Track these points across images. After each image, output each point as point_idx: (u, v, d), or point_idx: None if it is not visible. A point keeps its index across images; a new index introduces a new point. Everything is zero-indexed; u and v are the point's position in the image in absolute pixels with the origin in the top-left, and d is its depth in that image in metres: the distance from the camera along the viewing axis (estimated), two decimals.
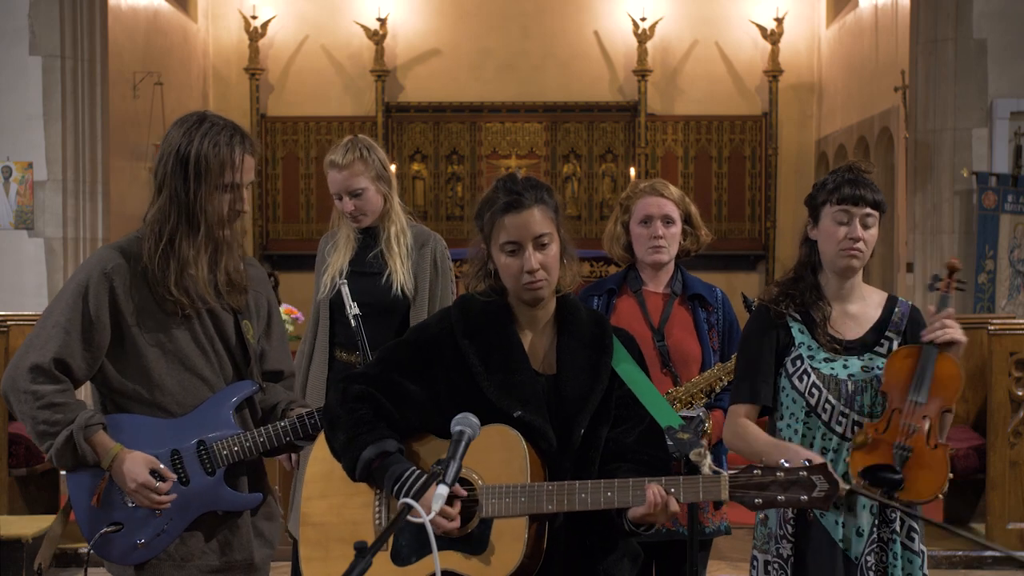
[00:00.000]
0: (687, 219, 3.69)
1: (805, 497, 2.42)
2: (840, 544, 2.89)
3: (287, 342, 3.19)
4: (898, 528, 2.90)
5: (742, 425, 2.97)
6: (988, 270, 7.83)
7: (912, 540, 2.92)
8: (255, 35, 12.29)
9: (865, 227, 2.92)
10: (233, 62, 12.50)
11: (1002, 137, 7.94)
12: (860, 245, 2.91)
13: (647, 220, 3.63)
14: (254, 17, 12.26)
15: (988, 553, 5.94)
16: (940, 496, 2.93)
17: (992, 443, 5.93)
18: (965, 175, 7.86)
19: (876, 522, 2.90)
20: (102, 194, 8.13)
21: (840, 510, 2.90)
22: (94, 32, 8.05)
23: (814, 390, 2.92)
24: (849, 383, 2.91)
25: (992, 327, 5.98)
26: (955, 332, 2.90)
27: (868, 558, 2.89)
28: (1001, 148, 7.93)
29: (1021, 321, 6.54)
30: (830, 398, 2.91)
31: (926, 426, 2.88)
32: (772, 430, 3.03)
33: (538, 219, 2.57)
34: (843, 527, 2.90)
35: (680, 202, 3.67)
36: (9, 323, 6.07)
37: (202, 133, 2.82)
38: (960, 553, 5.93)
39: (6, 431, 5.87)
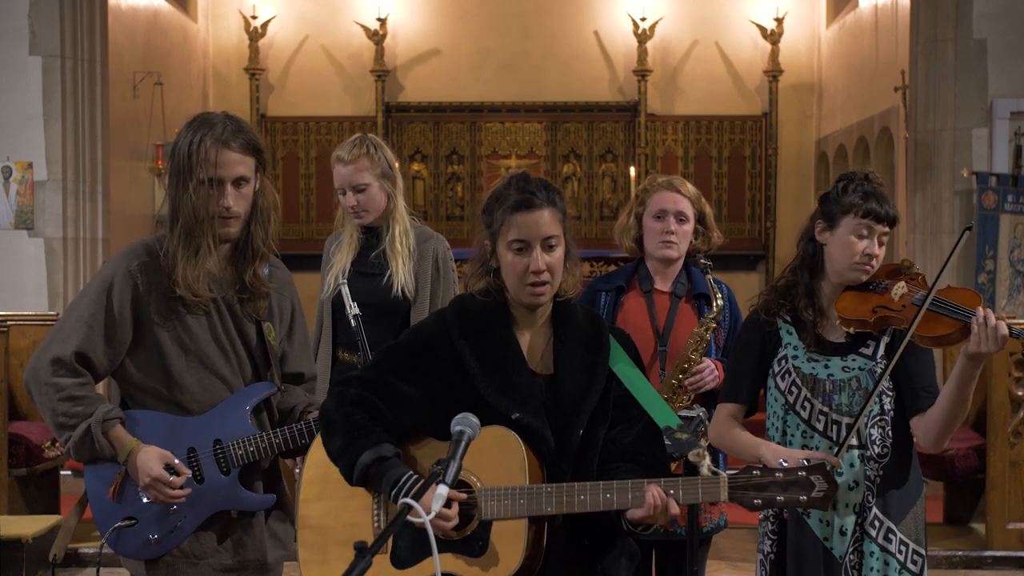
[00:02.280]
0: (700, 219, 3.71)
1: (804, 497, 2.42)
2: (825, 543, 2.91)
3: (309, 345, 3.21)
4: (872, 531, 2.90)
5: (725, 423, 3.05)
6: (988, 270, 7.83)
7: (889, 541, 2.91)
8: (255, 35, 12.28)
9: (880, 244, 2.94)
10: (233, 62, 12.49)
11: (1002, 137, 7.93)
12: (874, 262, 2.93)
13: (661, 215, 3.64)
14: (254, 17, 12.25)
15: (988, 553, 5.94)
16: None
17: (992, 443, 5.93)
18: (965, 175, 7.86)
19: (859, 521, 2.91)
20: (102, 194, 8.13)
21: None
22: (94, 32, 8.04)
23: (793, 388, 2.96)
24: (828, 382, 2.93)
25: None
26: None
27: (851, 557, 2.90)
28: (1001, 148, 7.92)
29: (1021, 321, 6.53)
30: (808, 396, 2.93)
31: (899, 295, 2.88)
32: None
33: (548, 220, 2.57)
34: (827, 526, 2.92)
35: (696, 201, 3.70)
36: (9, 323, 6.07)
37: (190, 130, 2.84)
38: (960, 553, 5.94)
39: (6, 431, 5.86)
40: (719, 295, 3.58)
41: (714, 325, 3.55)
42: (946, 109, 7.96)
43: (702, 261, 3.62)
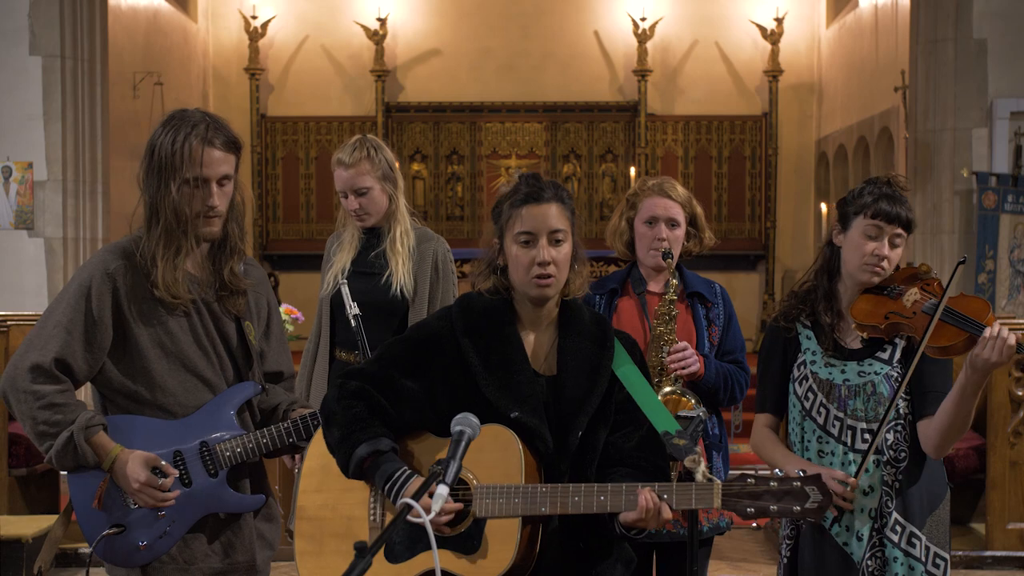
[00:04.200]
0: (692, 221, 3.69)
1: (798, 508, 2.41)
2: (844, 547, 2.91)
3: (286, 343, 3.16)
4: (894, 536, 2.90)
5: (763, 434, 3.09)
6: (988, 270, 7.83)
7: (913, 546, 2.91)
8: (255, 35, 12.29)
9: (893, 246, 2.93)
10: (233, 62, 12.50)
11: (1002, 137, 7.94)
12: (884, 263, 2.92)
13: (652, 221, 3.63)
14: (254, 17, 12.26)
15: (988, 553, 5.94)
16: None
17: (992, 443, 5.93)
18: (965, 175, 7.87)
19: (875, 526, 2.91)
20: (102, 194, 8.14)
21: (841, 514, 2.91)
22: (94, 32, 8.05)
23: (810, 394, 2.96)
24: (843, 387, 2.93)
25: None
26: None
27: (869, 562, 2.90)
28: (1001, 148, 7.93)
29: (1021, 321, 6.53)
30: (824, 401, 2.93)
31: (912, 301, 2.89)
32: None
33: (555, 214, 2.57)
34: (846, 530, 2.91)
35: (687, 204, 3.67)
36: (9, 323, 6.07)
37: (169, 129, 2.78)
38: (960, 553, 5.93)
39: (6, 431, 5.87)
40: (675, 278, 3.58)
41: (675, 297, 3.55)
42: (946, 109, 7.96)
43: (663, 246, 3.60)
